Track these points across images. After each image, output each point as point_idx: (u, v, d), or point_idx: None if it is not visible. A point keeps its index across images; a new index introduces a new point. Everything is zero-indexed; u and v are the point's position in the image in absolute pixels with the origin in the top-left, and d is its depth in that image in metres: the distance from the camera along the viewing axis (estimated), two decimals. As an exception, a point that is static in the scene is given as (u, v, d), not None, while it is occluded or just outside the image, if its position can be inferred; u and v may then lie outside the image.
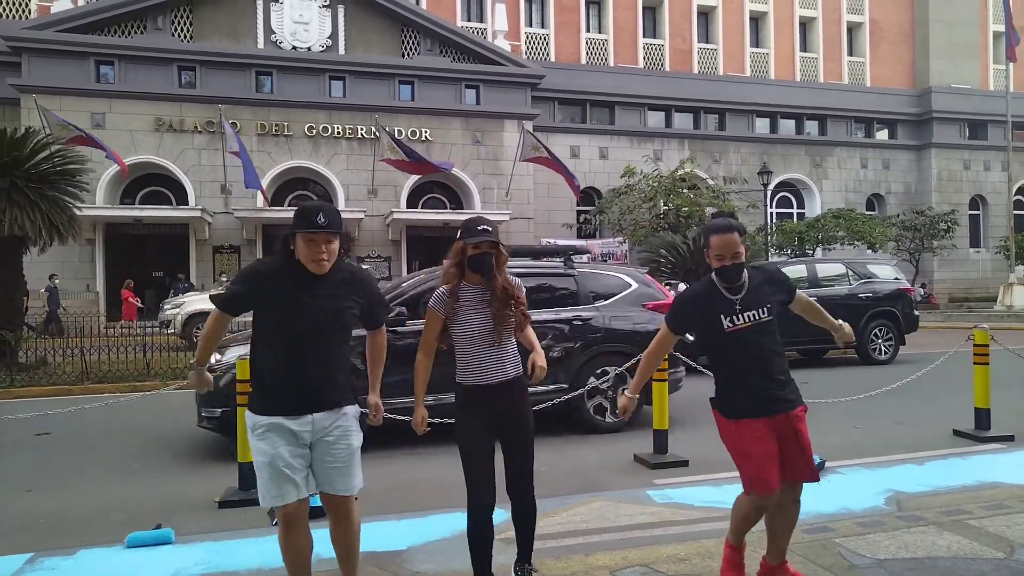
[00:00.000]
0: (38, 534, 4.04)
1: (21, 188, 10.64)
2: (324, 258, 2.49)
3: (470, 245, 2.79)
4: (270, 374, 2.52)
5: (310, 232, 2.44)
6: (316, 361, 2.53)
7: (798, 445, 2.79)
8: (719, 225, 2.80)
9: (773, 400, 2.77)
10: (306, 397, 2.52)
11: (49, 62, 19.12)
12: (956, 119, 29.35)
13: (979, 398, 5.93)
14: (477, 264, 2.81)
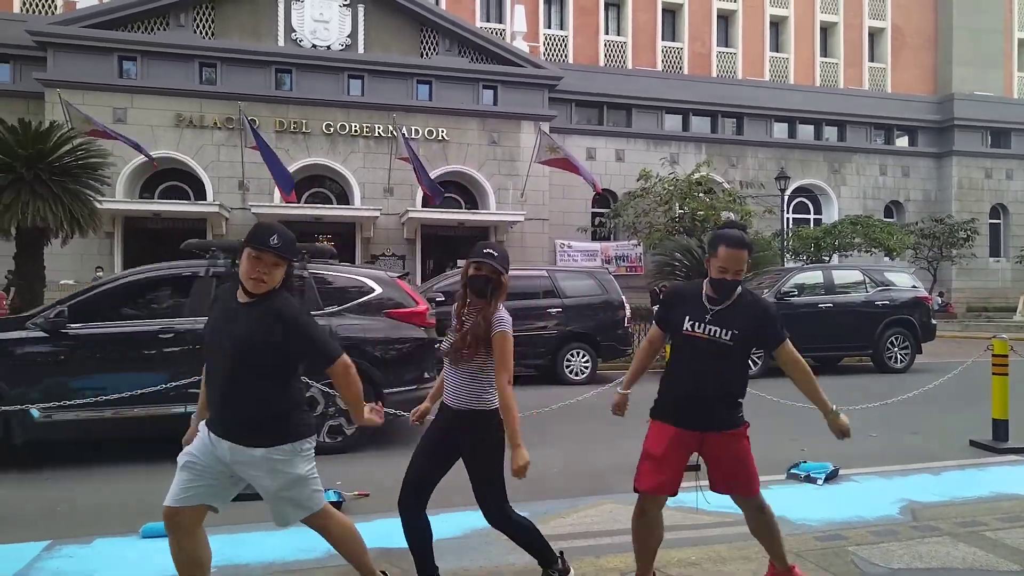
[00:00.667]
0: (56, 522, 4.10)
1: (44, 181, 10.81)
2: (264, 279, 2.39)
3: (472, 265, 2.83)
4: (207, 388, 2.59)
5: (256, 250, 2.37)
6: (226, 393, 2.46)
7: (732, 462, 2.80)
8: (732, 237, 2.70)
9: (693, 417, 2.75)
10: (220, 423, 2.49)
11: (73, 57, 19.37)
12: (978, 127, 28.99)
13: (997, 409, 5.87)
14: (473, 284, 2.81)
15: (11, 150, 10.71)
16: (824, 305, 11.48)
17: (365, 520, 3.99)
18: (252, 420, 2.46)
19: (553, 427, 6.67)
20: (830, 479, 4.76)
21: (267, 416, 2.47)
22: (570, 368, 10.39)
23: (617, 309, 10.88)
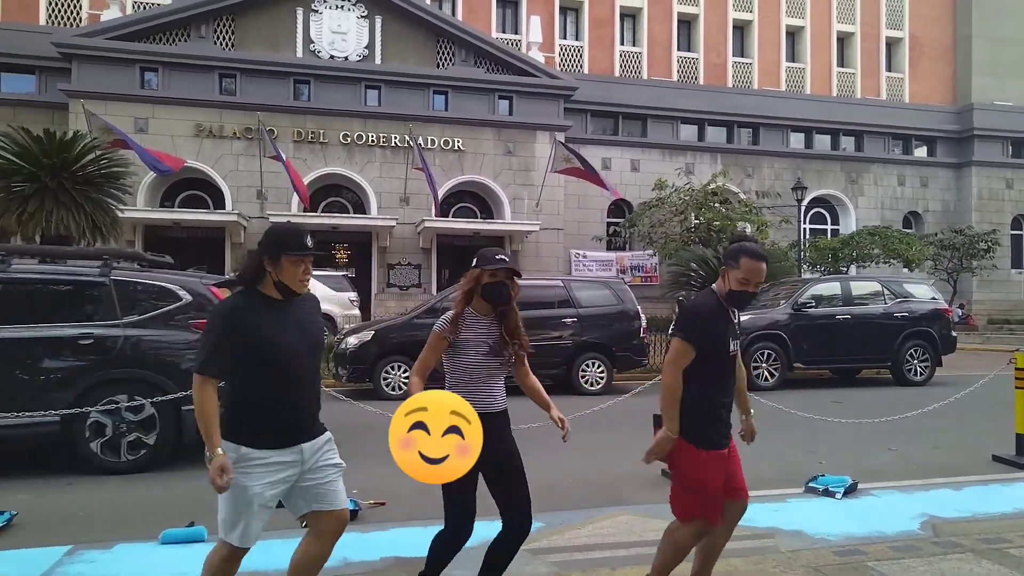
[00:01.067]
0: (77, 527, 4.15)
1: (68, 189, 11.01)
2: (308, 278, 2.52)
3: (487, 272, 2.75)
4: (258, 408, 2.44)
5: (300, 254, 2.44)
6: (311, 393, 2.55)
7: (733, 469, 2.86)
8: (755, 250, 2.73)
9: (726, 435, 2.81)
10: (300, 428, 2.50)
11: (97, 68, 19.73)
12: (999, 137, 28.67)
13: (1021, 423, 5.78)
14: (491, 293, 2.76)
15: (36, 159, 10.93)
16: (842, 317, 11.37)
17: (381, 529, 4.02)
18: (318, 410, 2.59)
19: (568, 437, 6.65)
20: (849, 493, 4.71)
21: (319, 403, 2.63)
22: (585, 378, 10.37)
23: (632, 319, 10.85)
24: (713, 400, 2.75)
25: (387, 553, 3.66)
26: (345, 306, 15.60)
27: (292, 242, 2.44)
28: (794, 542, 3.78)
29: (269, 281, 2.47)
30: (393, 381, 9.66)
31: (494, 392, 2.83)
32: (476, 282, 2.77)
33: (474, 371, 2.77)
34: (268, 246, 2.45)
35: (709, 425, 2.74)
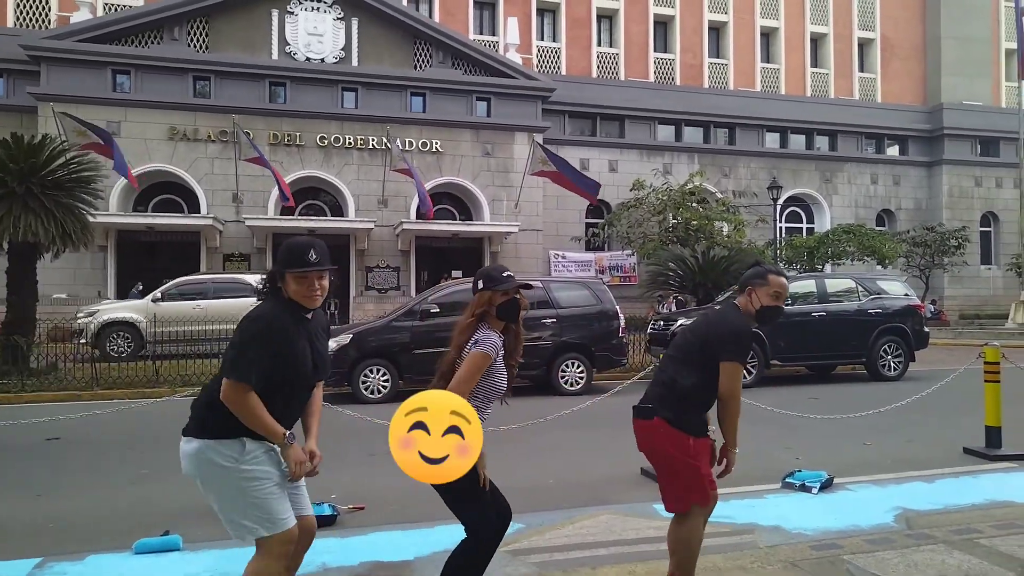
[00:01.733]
0: (47, 539, 4.07)
1: (36, 195, 10.77)
2: (318, 293, 2.43)
3: (499, 293, 2.70)
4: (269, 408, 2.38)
5: (301, 271, 2.37)
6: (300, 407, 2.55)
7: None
8: (777, 269, 3.03)
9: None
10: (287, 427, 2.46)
11: (67, 71, 19.39)
12: (968, 136, 29.26)
13: (990, 416, 5.89)
14: (509, 311, 2.73)
15: (3, 164, 10.68)
16: (817, 314, 11.52)
17: (360, 533, 3.98)
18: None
19: (548, 437, 6.66)
20: (825, 488, 4.76)
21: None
22: (565, 378, 10.38)
23: (612, 319, 10.89)
24: (704, 396, 2.91)
25: (367, 558, 3.63)
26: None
27: (293, 258, 2.37)
28: (772, 537, 3.81)
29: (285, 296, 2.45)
30: (372, 385, 9.60)
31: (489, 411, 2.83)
32: (489, 304, 2.72)
33: (500, 388, 2.75)
34: (278, 262, 2.44)
35: (697, 416, 2.92)
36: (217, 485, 2.36)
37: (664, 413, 2.86)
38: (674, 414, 2.86)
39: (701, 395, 2.90)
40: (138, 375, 10.93)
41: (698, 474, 2.84)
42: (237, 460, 2.33)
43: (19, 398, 9.80)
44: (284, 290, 2.41)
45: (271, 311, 2.39)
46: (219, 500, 2.38)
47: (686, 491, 2.86)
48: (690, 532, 2.91)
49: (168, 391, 9.58)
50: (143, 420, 7.95)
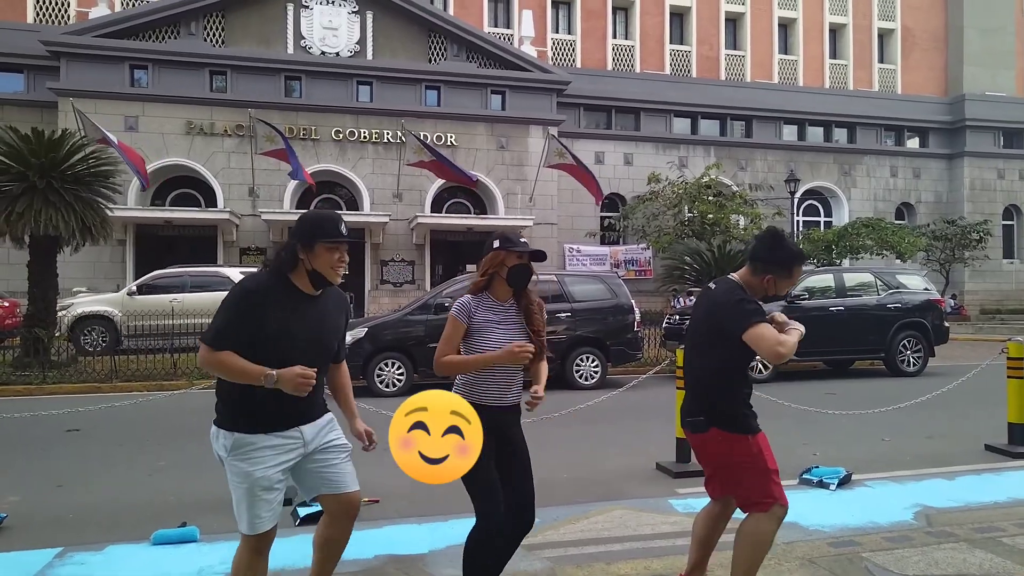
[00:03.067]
0: (68, 529, 4.12)
1: (57, 189, 10.89)
2: (344, 267, 2.43)
3: (514, 254, 2.65)
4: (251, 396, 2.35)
5: (336, 241, 2.37)
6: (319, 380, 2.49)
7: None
8: (800, 251, 2.79)
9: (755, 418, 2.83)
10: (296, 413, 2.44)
11: (86, 66, 19.57)
12: (990, 127, 28.75)
13: (1013, 413, 5.79)
14: (519, 275, 2.67)
15: (24, 159, 10.81)
16: (835, 308, 11.39)
17: (375, 526, 4.00)
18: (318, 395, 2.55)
19: (562, 432, 6.65)
20: (843, 484, 4.71)
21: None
22: (579, 373, 10.37)
23: (627, 313, 10.85)
24: (743, 391, 2.77)
25: (381, 551, 3.64)
26: None
27: (328, 227, 2.37)
28: (789, 534, 3.78)
29: (302, 270, 2.39)
30: (387, 378, 9.64)
31: (509, 385, 2.70)
32: (501, 264, 2.67)
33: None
34: (302, 233, 2.37)
35: (744, 412, 2.73)
36: (224, 468, 2.45)
37: (716, 421, 2.69)
38: (725, 417, 2.69)
39: (736, 382, 2.73)
40: (157, 368, 11.05)
41: (768, 469, 2.67)
42: (228, 452, 2.38)
43: (40, 390, 9.95)
44: (306, 262, 2.37)
45: (254, 281, 2.38)
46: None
47: (763, 492, 2.65)
48: (765, 534, 2.66)
49: (186, 384, 9.68)
50: (161, 412, 8.04)
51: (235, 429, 2.37)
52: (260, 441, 2.37)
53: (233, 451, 2.36)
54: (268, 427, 2.39)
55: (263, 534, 2.44)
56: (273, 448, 2.39)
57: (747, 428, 2.69)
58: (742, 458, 2.68)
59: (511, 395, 2.73)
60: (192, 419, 7.88)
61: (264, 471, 2.37)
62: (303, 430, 2.47)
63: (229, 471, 2.41)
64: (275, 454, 2.39)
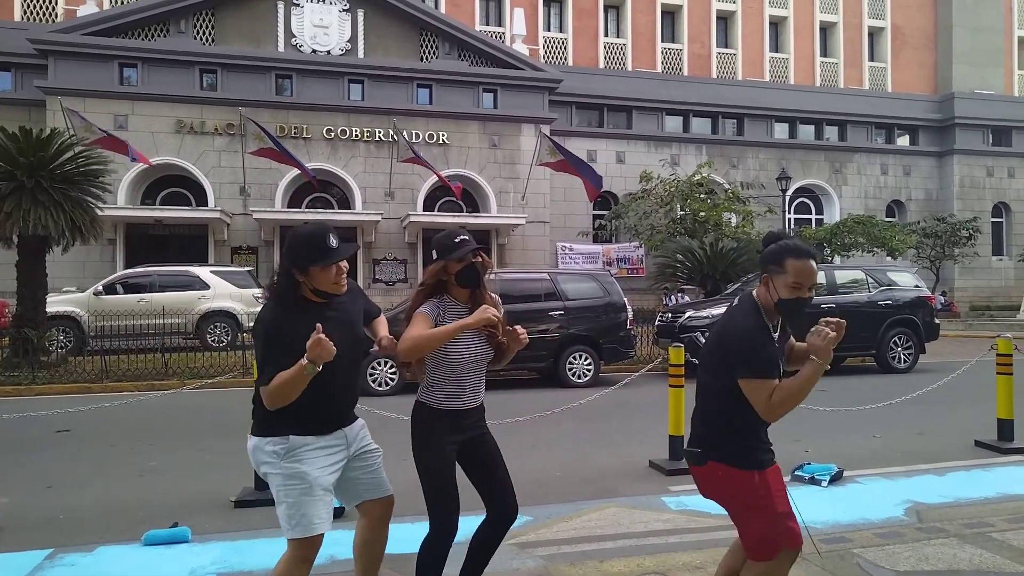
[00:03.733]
0: (58, 530, 4.09)
1: (45, 188, 10.81)
2: (343, 279, 2.50)
3: (452, 262, 2.57)
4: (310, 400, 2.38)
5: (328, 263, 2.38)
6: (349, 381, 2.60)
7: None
8: (799, 248, 2.33)
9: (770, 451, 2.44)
10: (340, 414, 2.55)
11: (74, 64, 19.43)
12: (979, 125, 28.95)
13: (1002, 409, 5.84)
14: (467, 277, 2.59)
15: (12, 158, 10.72)
16: (827, 305, 11.44)
17: (368, 526, 3.98)
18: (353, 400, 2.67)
19: (555, 430, 6.65)
20: (834, 481, 4.74)
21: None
22: (572, 371, 10.37)
23: (619, 311, 10.86)
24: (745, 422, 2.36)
25: (374, 550, 3.62)
26: (249, 303, 14.82)
27: (318, 251, 2.36)
28: None
29: (306, 288, 2.42)
30: (380, 377, 9.62)
31: (475, 387, 2.69)
32: (445, 274, 2.60)
33: (461, 364, 2.60)
34: (293, 259, 2.38)
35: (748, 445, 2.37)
36: (269, 478, 2.44)
37: (715, 454, 2.37)
38: (726, 451, 2.36)
39: (744, 417, 2.32)
40: (147, 368, 10.99)
41: (775, 512, 2.31)
42: (280, 457, 2.39)
43: (30, 390, 9.88)
44: (306, 283, 2.39)
45: (270, 313, 2.41)
46: (272, 491, 2.45)
47: (768, 536, 2.31)
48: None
49: (177, 384, 9.63)
50: (152, 413, 8.00)
51: (288, 433, 2.40)
52: (314, 442, 2.44)
53: (288, 455, 2.39)
54: (319, 429, 2.46)
55: (313, 541, 2.40)
56: (324, 449, 2.46)
57: (751, 463, 2.34)
58: (745, 498, 2.35)
59: (479, 395, 2.72)
60: (183, 419, 7.84)
61: (320, 470, 2.42)
62: (346, 432, 2.56)
63: (280, 477, 2.38)
64: (327, 455, 2.47)
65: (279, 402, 2.31)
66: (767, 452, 2.39)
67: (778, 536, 2.31)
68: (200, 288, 14.86)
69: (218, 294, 14.81)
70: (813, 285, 2.35)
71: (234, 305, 14.79)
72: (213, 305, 14.66)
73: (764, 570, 2.35)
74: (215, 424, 7.56)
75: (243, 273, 15.82)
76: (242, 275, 15.65)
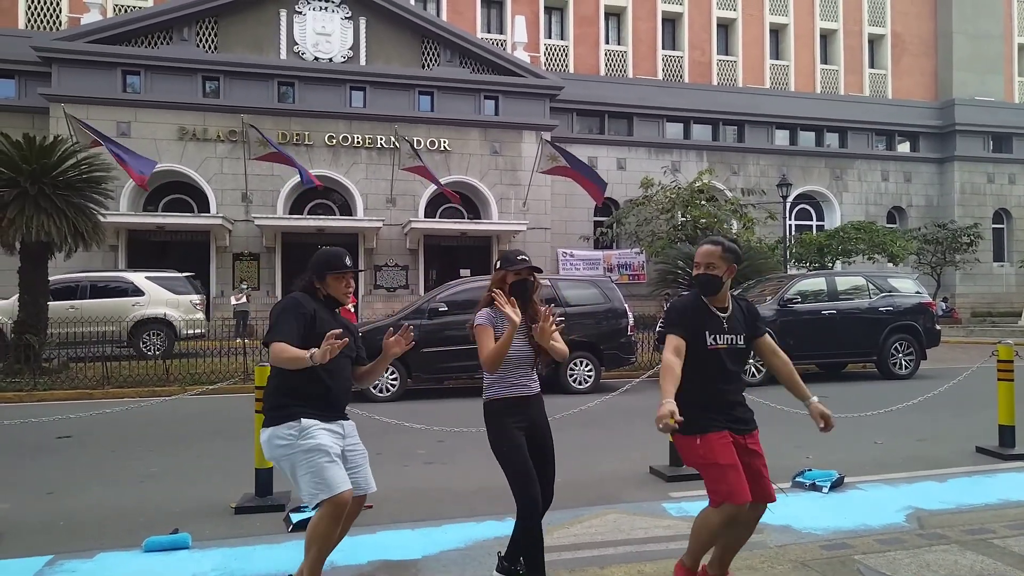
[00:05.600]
0: (58, 536, 4.09)
1: (48, 195, 10.84)
2: (352, 289, 3.09)
3: (511, 272, 3.08)
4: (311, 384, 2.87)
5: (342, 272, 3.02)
6: (344, 378, 3.03)
7: (756, 465, 2.89)
8: (707, 239, 3.07)
9: (731, 419, 2.91)
10: (339, 405, 3.00)
11: (78, 72, 19.52)
12: (980, 132, 28.99)
13: (1003, 415, 5.83)
14: (518, 290, 3.08)
15: (16, 165, 10.76)
16: (827, 312, 11.44)
17: (368, 532, 3.99)
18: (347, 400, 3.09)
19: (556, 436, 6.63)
20: (835, 487, 4.73)
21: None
22: (573, 377, 10.36)
23: (620, 317, 10.86)
24: (691, 390, 2.82)
25: (374, 556, 3.63)
26: (187, 310, 14.51)
27: (335, 262, 3.03)
28: (781, 537, 3.79)
29: (319, 295, 3.05)
30: (380, 383, 9.61)
31: (529, 377, 3.11)
32: (503, 282, 3.09)
33: (515, 361, 3.04)
34: (315, 268, 3.03)
35: (693, 412, 2.80)
36: (287, 462, 2.83)
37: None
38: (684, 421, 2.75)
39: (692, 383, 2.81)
40: (148, 374, 11.00)
41: (718, 466, 2.76)
42: (296, 438, 2.80)
43: (31, 396, 9.88)
44: (321, 290, 3.03)
45: (298, 295, 3.01)
46: (291, 473, 2.84)
47: (713, 488, 2.81)
48: (703, 521, 2.85)
49: (178, 390, 9.64)
50: (153, 419, 8.00)
51: (299, 416, 2.83)
52: (321, 423, 2.87)
53: (303, 433, 2.80)
54: (323, 415, 2.89)
55: (340, 498, 2.74)
56: (329, 431, 2.88)
57: (693, 429, 2.81)
58: (694, 459, 2.88)
59: (533, 385, 3.13)
60: (184, 425, 7.84)
61: (332, 442, 2.84)
62: (343, 424, 2.99)
63: (299, 453, 2.78)
64: (332, 435, 2.89)
65: (277, 361, 2.80)
66: (713, 421, 2.84)
67: (719, 487, 2.76)
68: (134, 294, 14.37)
69: (153, 300, 14.31)
70: (710, 264, 2.93)
71: (170, 312, 14.22)
72: (147, 312, 14.14)
73: (707, 514, 2.84)
74: (216, 430, 7.56)
75: (181, 279, 15.14)
76: (180, 281, 15.01)
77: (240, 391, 9.70)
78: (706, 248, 2.96)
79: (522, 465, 2.95)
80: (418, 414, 7.43)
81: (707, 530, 2.84)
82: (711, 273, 2.92)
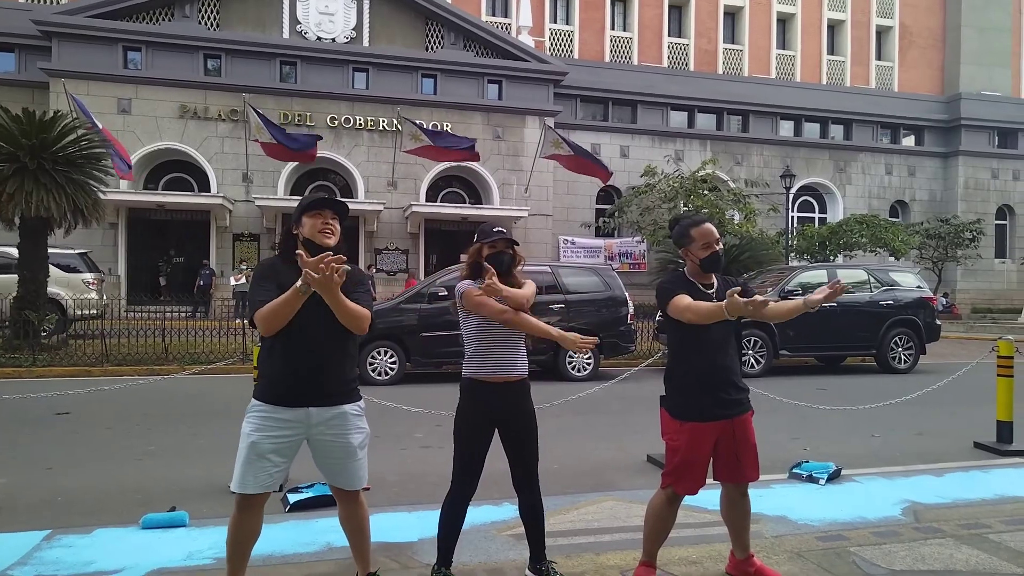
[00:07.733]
0: (56, 512, 4.10)
1: (48, 170, 10.79)
2: (330, 231, 2.60)
3: (487, 245, 3.00)
4: (271, 363, 2.59)
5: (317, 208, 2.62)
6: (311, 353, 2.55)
7: (745, 447, 2.94)
8: (696, 219, 2.97)
9: (722, 404, 2.88)
10: (301, 389, 2.56)
11: (78, 47, 19.36)
12: (985, 127, 28.84)
13: (1002, 411, 5.83)
14: (493, 262, 2.96)
15: (15, 139, 10.70)
16: (828, 304, 11.41)
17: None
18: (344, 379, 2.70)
19: (553, 423, 6.65)
20: (832, 479, 4.74)
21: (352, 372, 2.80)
22: (572, 364, 10.37)
23: (620, 305, 10.85)
24: (683, 371, 2.91)
25: (373, 538, 3.63)
26: (79, 288, 13.57)
27: (310, 201, 2.67)
28: (778, 527, 3.79)
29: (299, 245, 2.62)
30: (379, 366, 9.62)
31: (512, 359, 2.96)
32: (479, 255, 3.01)
33: (488, 335, 2.93)
34: (296, 215, 2.67)
35: (681, 395, 2.90)
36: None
37: (664, 402, 2.99)
38: (668, 396, 2.97)
39: (682, 362, 2.92)
40: (147, 352, 11.00)
41: (681, 456, 2.85)
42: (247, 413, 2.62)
43: (30, 372, 9.89)
44: (300, 236, 2.62)
45: (266, 261, 2.72)
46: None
47: (669, 469, 2.91)
48: (654, 508, 2.96)
49: (177, 369, 9.64)
50: (152, 397, 8.01)
51: (257, 396, 2.61)
52: (269, 411, 2.56)
53: (248, 412, 2.60)
54: (275, 400, 2.56)
55: (242, 500, 2.56)
56: (277, 421, 2.55)
57: (677, 413, 2.89)
58: (668, 437, 2.93)
59: (519, 367, 2.97)
60: (182, 403, 7.86)
61: (259, 437, 2.53)
62: (311, 412, 2.58)
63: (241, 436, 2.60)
64: (277, 427, 2.55)
65: (272, 324, 2.46)
66: (705, 408, 2.85)
67: (675, 473, 2.86)
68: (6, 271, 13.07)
69: None
70: (717, 239, 2.90)
71: (59, 291, 13.05)
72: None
73: (656, 494, 2.98)
74: (214, 409, 7.57)
75: (73, 255, 14.23)
76: (72, 257, 14.11)
77: (238, 371, 9.71)
78: (707, 227, 2.91)
79: (468, 456, 2.93)
80: (416, 398, 7.43)
81: (653, 511, 2.95)
82: (719, 249, 2.91)
